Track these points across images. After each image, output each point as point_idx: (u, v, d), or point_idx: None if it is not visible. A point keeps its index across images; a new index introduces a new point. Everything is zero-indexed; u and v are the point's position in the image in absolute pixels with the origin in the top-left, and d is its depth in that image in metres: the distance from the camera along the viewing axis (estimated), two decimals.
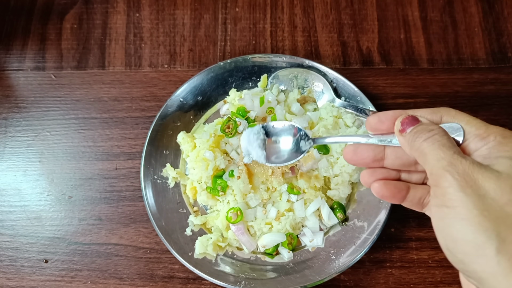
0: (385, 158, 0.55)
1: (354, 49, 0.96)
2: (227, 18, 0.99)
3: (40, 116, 0.91)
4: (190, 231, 0.79)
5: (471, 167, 0.43)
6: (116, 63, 0.96)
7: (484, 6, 0.99)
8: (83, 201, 0.85)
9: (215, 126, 0.83)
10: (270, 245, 0.76)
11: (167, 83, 0.93)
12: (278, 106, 0.84)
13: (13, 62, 0.96)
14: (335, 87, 0.87)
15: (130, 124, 0.90)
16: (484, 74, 0.93)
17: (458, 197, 0.42)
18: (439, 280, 0.78)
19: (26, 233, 0.83)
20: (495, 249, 0.40)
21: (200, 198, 0.80)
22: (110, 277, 0.79)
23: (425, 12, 0.99)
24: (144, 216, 0.83)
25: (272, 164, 0.63)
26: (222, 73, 0.88)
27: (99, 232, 0.82)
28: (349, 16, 0.99)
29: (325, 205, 0.77)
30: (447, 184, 0.43)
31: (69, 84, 0.94)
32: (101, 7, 1.01)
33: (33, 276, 0.80)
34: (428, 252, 0.80)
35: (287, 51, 0.96)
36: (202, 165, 0.79)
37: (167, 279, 0.79)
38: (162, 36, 0.98)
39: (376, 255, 0.80)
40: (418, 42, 0.97)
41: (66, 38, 0.98)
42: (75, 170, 0.87)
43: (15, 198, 0.85)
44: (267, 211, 0.78)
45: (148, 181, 0.80)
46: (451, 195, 0.43)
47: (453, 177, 0.43)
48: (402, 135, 0.50)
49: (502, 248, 0.39)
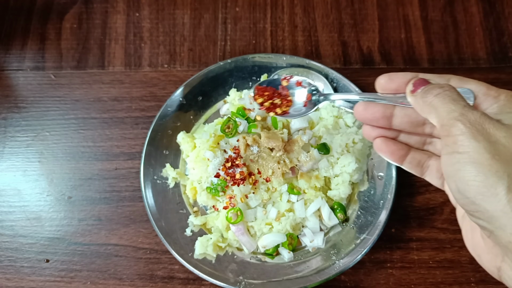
0: (394, 115, 0.57)
1: (354, 48, 0.96)
2: (227, 17, 0.99)
3: (39, 116, 0.91)
4: (190, 231, 0.78)
5: (482, 117, 0.45)
6: (115, 63, 0.95)
7: (485, 6, 0.99)
8: (83, 201, 0.84)
9: (215, 126, 0.83)
10: (270, 245, 0.76)
11: (167, 83, 0.93)
12: None
13: (12, 62, 0.96)
14: (336, 87, 0.86)
15: (129, 124, 0.90)
16: (485, 74, 0.93)
17: (470, 142, 0.44)
18: (439, 280, 0.78)
19: (26, 233, 0.82)
20: (506, 188, 0.42)
21: (200, 198, 0.80)
22: (109, 278, 0.79)
23: (426, 12, 0.99)
24: (144, 216, 0.83)
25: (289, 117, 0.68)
26: (222, 73, 0.88)
27: (99, 232, 0.82)
28: (350, 15, 0.99)
29: (325, 206, 0.77)
30: (458, 132, 0.45)
31: (68, 84, 0.93)
32: (100, 7, 1.01)
33: (32, 276, 0.79)
34: (428, 253, 0.79)
35: (287, 51, 0.96)
36: (202, 165, 0.79)
37: (167, 279, 0.79)
38: (162, 36, 0.98)
39: (376, 256, 0.79)
40: (419, 42, 0.96)
41: (66, 38, 0.98)
42: (74, 170, 0.87)
43: (14, 199, 0.85)
44: (267, 212, 0.77)
45: (148, 181, 0.80)
46: (462, 141, 0.45)
47: (465, 125, 0.45)
48: (413, 95, 0.52)
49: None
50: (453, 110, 0.47)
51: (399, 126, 0.57)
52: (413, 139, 0.59)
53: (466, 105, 0.47)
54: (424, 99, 0.50)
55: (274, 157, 0.78)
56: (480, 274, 0.78)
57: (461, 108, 0.47)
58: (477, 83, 0.51)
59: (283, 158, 0.78)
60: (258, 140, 0.79)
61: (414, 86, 0.52)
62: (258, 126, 0.80)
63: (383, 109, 0.57)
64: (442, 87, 0.49)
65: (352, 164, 0.78)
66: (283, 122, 0.82)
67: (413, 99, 0.52)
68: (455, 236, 0.80)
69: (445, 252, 0.79)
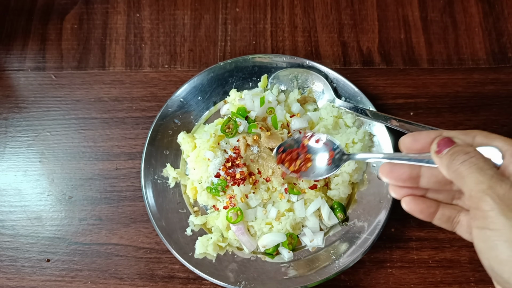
0: (421, 176, 0.56)
1: (354, 49, 0.96)
2: (227, 18, 0.99)
3: (40, 116, 0.91)
4: (190, 231, 0.79)
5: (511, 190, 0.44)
6: (116, 63, 0.96)
7: (484, 6, 0.99)
8: (84, 201, 0.85)
9: (216, 126, 0.83)
10: (271, 245, 0.76)
11: (167, 83, 0.93)
12: (279, 106, 0.84)
13: (13, 62, 0.96)
14: (335, 87, 0.87)
15: (130, 124, 0.90)
16: (485, 74, 0.93)
17: (501, 220, 0.43)
18: (439, 280, 0.78)
19: (27, 233, 0.83)
20: None
21: (200, 198, 0.80)
22: (110, 277, 0.79)
23: (426, 12, 0.99)
24: (145, 216, 0.83)
25: (309, 178, 0.70)
26: (222, 73, 0.88)
27: (100, 232, 0.82)
28: (350, 16, 0.99)
29: (325, 205, 0.77)
30: (488, 208, 0.44)
31: (69, 84, 0.94)
32: (101, 8, 1.01)
33: (33, 276, 0.80)
34: (428, 252, 0.80)
35: (287, 51, 0.96)
36: (203, 165, 0.79)
37: (167, 279, 0.79)
38: (162, 36, 0.98)
39: (376, 255, 0.80)
40: (419, 42, 0.97)
41: (67, 38, 0.98)
42: (75, 170, 0.87)
43: (15, 198, 0.85)
44: (267, 211, 0.78)
45: (149, 181, 0.81)
46: (493, 218, 0.44)
47: (494, 201, 0.44)
48: (438, 156, 0.50)
49: None
50: (481, 181, 0.45)
51: (426, 186, 0.56)
52: (441, 195, 0.58)
53: (494, 175, 0.45)
54: (450, 165, 0.49)
55: (274, 157, 0.78)
56: (480, 273, 0.78)
57: (489, 179, 0.45)
58: (504, 140, 0.49)
59: None
60: (258, 140, 0.79)
61: (439, 146, 0.50)
62: (258, 126, 0.80)
63: (410, 170, 0.56)
64: (468, 153, 0.48)
65: (351, 164, 0.78)
66: (283, 122, 0.83)
67: (439, 161, 0.50)
68: (454, 235, 0.79)
69: (445, 251, 0.80)
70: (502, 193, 0.44)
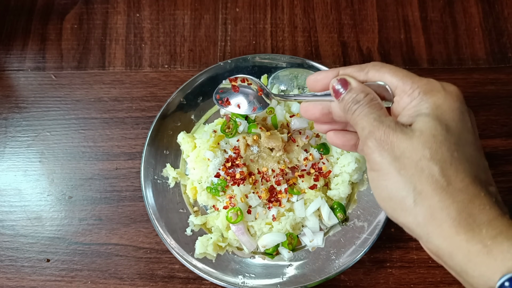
0: (332, 112, 0.58)
1: (354, 49, 0.96)
2: (227, 18, 0.99)
3: (40, 116, 0.91)
4: (190, 231, 0.79)
5: (387, 131, 0.47)
6: (116, 63, 0.96)
7: (484, 6, 0.99)
8: (83, 201, 0.85)
9: (216, 126, 0.83)
10: (270, 245, 0.76)
11: (167, 83, 0.93)
12: (279, 106, 0.84)
13: (13, 62, 0.96)
14: None
15: (130, 124, 0.90)
16: (484, 74, 0.93)
17: (378, 161, 0.47)
18: (439, 280, 0.78)
19: (27, 233, 0.83)
20: (413, 201, 0.44)
21: (200, 198, 0.80)
22: (110, 277, 0.79)
23: (425, 13, 0.99)
24: (144, 216, 0.83)
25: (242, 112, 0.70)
26: (222, 73, 0.88)
27: (99, 232, 0.82)
28: (349, 16, 0.99)
29: (325, 205, 0.77)
30: (369, 151, 0.48)
31: (69, 84, 0.94)
32: (101, 8, 1.01)
33: (33, 276, 0.80)
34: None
35: (287, 51, 0.96)
36: (203, 165, 0.79)
37: (167, 279, 0.79)
38: (162, 36, 0.98)
39: (376, 255, 0.80)
40: (418, 42, 0.97)
41: (67, 38, 0.98)
42: (75, 170, 0.87)
43: (15, 198, 0.85)
44: (267, 211, 0.77)
45: (148, 181, 0.81)
46: (374, 159, 0.47)
47: (373, 144, 0.47)
48: (337, 100, 0.54)
49: (419, 200, 0.44)
50: (364, 127, 0.49)
51: (339, 120, 0.58)
52: None
53: (376, 118, 0.48)
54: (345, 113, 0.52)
55: (274, 157, 0.78)
56: None
57: (370, 124, 0.48)
58: (392, 74, 0.51)
59: (283, 158, 0.78)
60: (258, 140, 0.79)
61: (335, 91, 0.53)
62: (258, 126, 0.80)
63: (321, 108, 0.58)
64: (357, 102, 0.50)
65: (351, 164, 0.78)
66: (283, 122, 0.83)
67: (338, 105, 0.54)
68: None
69: None
70: (379, 135, 0.47)
